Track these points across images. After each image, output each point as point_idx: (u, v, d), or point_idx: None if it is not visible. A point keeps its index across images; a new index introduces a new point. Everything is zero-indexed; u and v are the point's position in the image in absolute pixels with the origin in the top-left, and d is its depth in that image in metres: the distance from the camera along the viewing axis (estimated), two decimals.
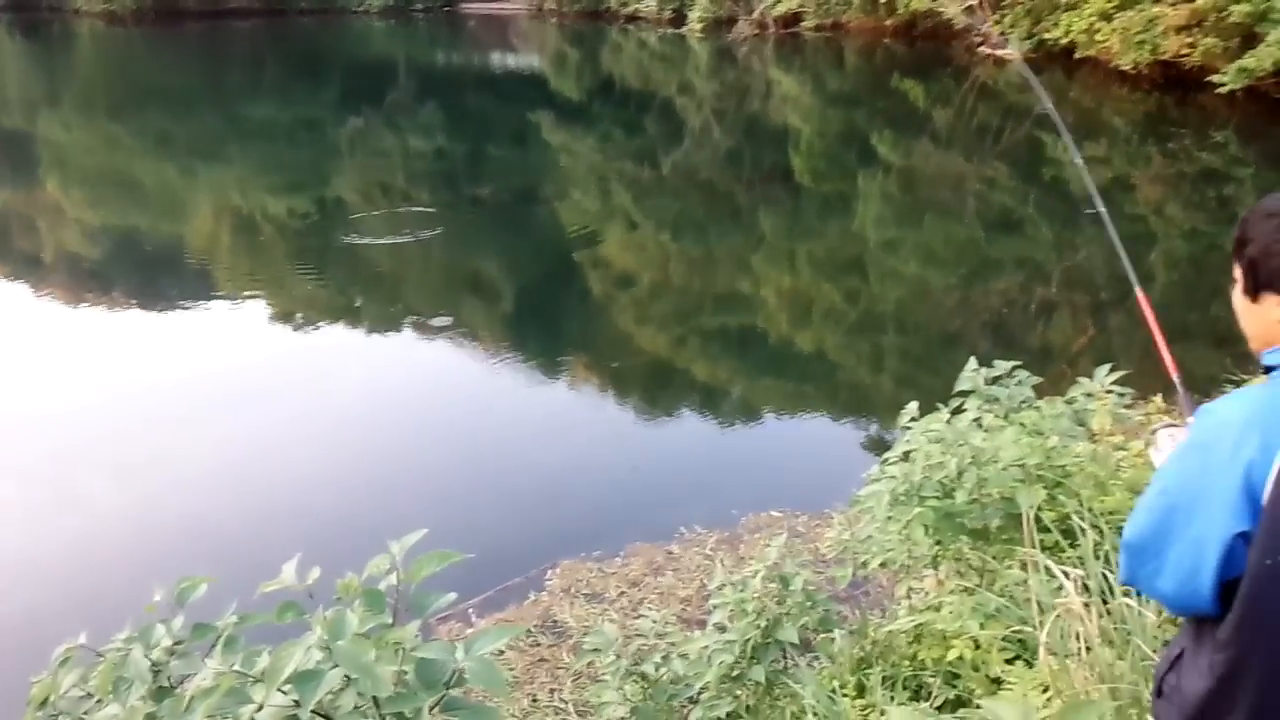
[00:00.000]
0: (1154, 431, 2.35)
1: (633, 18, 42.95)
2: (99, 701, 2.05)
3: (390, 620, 1.66)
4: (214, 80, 34.55)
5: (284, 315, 12.32)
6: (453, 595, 1.77)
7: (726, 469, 8.25)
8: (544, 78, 34.66)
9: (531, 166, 21.24)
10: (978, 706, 3.20)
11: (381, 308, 12.41)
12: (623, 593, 5.99)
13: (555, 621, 5.66)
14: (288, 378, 10.41)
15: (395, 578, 1.70)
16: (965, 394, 4.30)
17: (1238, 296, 1.91)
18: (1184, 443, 1.84)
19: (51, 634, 2.40)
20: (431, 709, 1.52)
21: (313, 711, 1.47)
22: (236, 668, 1.64)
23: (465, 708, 1.51)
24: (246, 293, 13.20)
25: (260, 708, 1.52)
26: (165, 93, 32.11)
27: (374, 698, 1.53)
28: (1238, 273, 1.89)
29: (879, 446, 8.12)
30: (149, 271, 14.83)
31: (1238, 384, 6.15)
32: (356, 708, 1.54)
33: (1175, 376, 2.51)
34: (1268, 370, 1.85)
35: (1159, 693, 1.99)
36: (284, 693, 1.53)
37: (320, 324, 11.93)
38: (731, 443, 8.89)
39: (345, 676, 1.51)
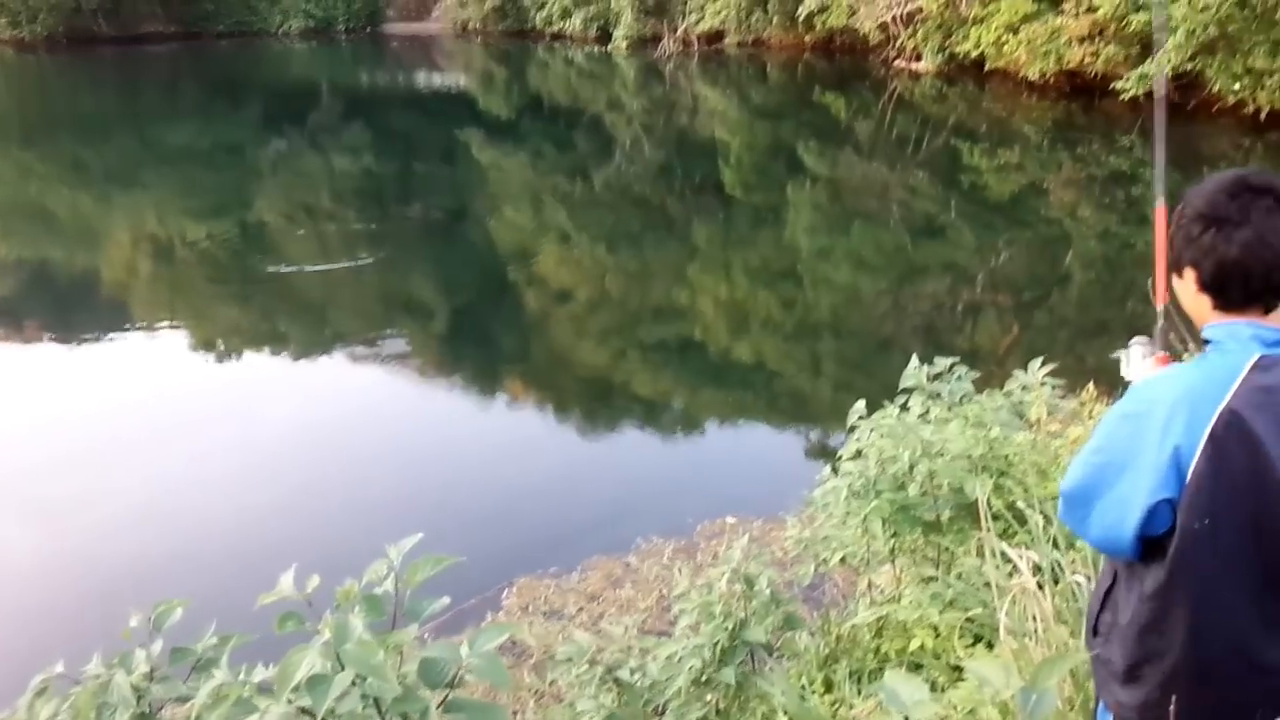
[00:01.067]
0: (1128, 344, 2.49)
1: (558, 36, 43.00)
2: None
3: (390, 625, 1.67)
4: (130, 106, 33.85)
5: (211, 344, 12.11)
6: (446, 599, 1.79)
7: (678, 479, 8.31)
8: (471, 96, 34.52)
9: (462, 185, 21.16)
10: (943, 691, 3.27)
11: (313, 333, 12.26)
12: (582, 608, 5.98)
13: (514, 641, 5.62)
14: (222, 408, 10.19)
15: (392, 583, 1.71)
16: (908, 391, 4.41)
17: (1174, 280, 2.08)
18: (1120, 409, 1.99)
19: None
20: (436, 708, 1.53)
21: (317, 718, 1.48)
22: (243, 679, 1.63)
23: (469, 706, 1.53)
24: (170, 323, 13.00)
25: (260, 717, 1.52)
26: (79, 120, 31.39)
27: (376, 701, 1.54)
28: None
29: (823, 450, 8.23)
30: (66, 304, 14.44)
31: None
32: (358, 711, 1.55)
33: (1159, 307, 2.59)
34: (1205, 344, 2.00)
35: (1095, 631, 2.16)
36: (290, 700, 1.53)
37: (251, 352, 11.76)
38: (681, 453, 8.98)
39: (352, 681, 1.52)
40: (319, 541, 6.90)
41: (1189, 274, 1.98)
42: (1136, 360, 2.44)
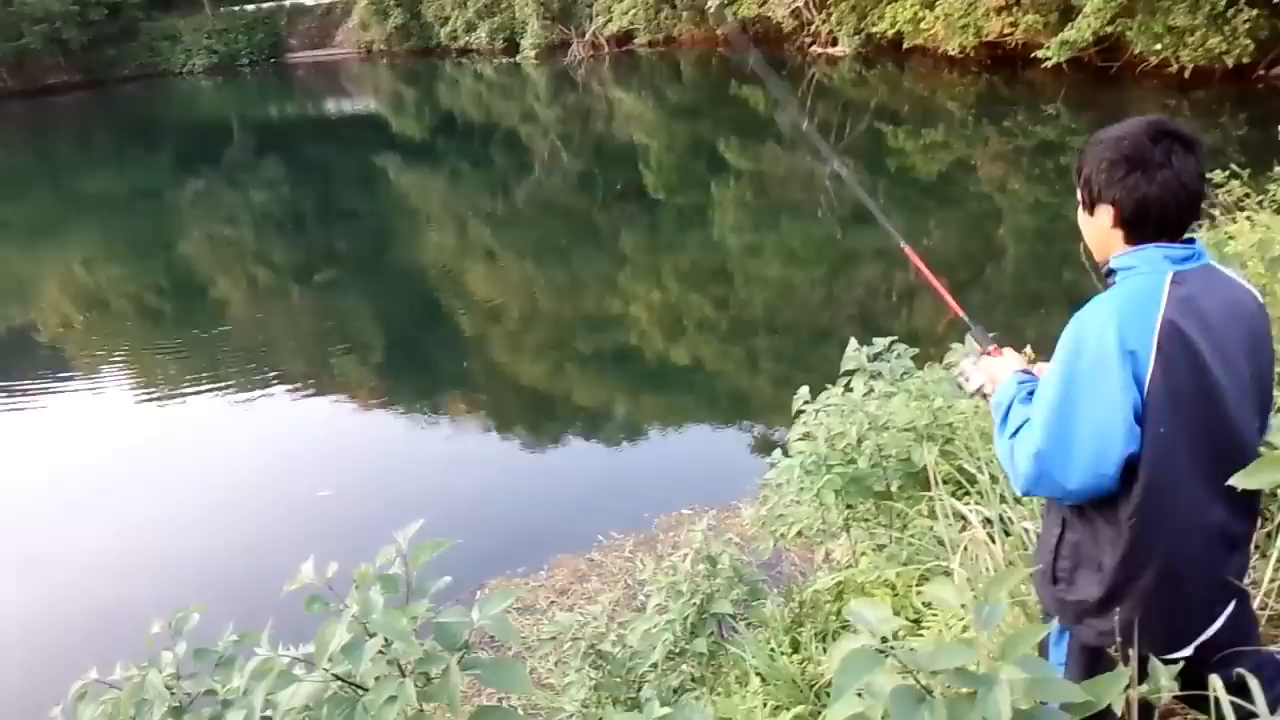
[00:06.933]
0: (959, 367, 2.70)
1: (465, 51, 42.70)
2: None
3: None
4: (44, 158, 33.25)
5: (153, 387, 12.07)
6: (449, 578, 1.95)
7: (633, 477, 8.56)
8: (383, 120, 34.33)
9: (383, 211, 21.06)
10: (905, 639, 3.48)
11: (253, 368, 12.17)
12: (553, 602, 6.19)
13: (491, 638, 5.77)
14: (172, 449, 10.19)
15: (401, 565, 1.88)
16: (851, 373, 4.60)
17: (1081, 216, 2.30)
18: (1070, 346, 2.14)
19: None
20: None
21: (349, 683, 1.64)
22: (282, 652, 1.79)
23: (484, 664, 1.70)
24: (108, 371, 12.89)
25: (294, 693, 1.67)
26: None
27: (400, 666, 1.70)
28: (1079, 195, 2.28)
29: (768, 441, 8.45)
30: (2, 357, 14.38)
31: None
32: (385, 676, 1.71)
33: (963, 314, 2.87)
34: (1109, 274, 2.24)
35: (1054, 579, 2.32)
36: (325, 669, 1.69)
37: (192, 391, 11.67)
38: (633, 453, 9.17)
39: (380, 650, 1.69)
40: (280, 562, 6.95)
41: (1105, 211, 2.20)
42: (973, 372, 2.61)
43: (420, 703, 1.66)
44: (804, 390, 4.51)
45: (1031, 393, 2.29)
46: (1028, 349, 2.72)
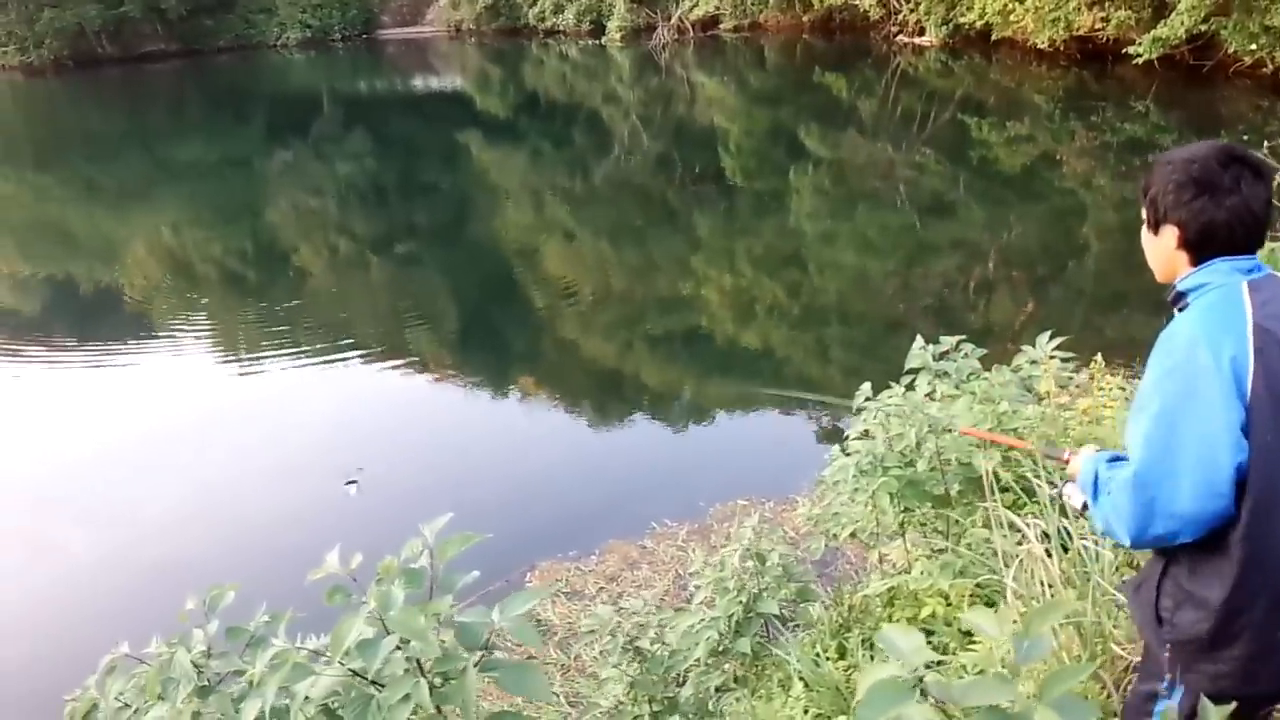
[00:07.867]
0: (1062, 491, 2.58)
1: (551, 32, 42.89)
2: (136, 712, 2.18)
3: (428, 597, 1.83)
4: (138, 124, 34.01)
5: (232, 353, 12.29)
6: (476, 573, 1.93)
7: (691, 464, 8.47)
8: (468, 97, 34.54)
9: (464, 187, 21.26)
10: (954, 654, 3.40)
11: (330, 338, 12.34)
12: (602, 588, 6.18)
13: (538, 620, 5.80)
14: (247, 413, 10.37)
15: (427, 558, 1.86)
16: (915, 371, 4.50)
17: (1145, 235, 2.28)
18: (1159, 370, 2.05)
19: (44, 684, 2.48)
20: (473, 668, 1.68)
21: (367, 680, 1.63)
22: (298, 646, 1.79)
23: (503, 665, 1.67)
24: (186, 336, 13.15)
25: (316, 679, 1.67)
26: (90, 140, 31.54)
27: (419, 664, 1.69)
28: (1144, 214, 2.25)
29: (833, 433, 8.34)
30: (90, 319, 14.73)
31: None
32: (406, 671, 1.70)
33: (1028, 445, 2.95)
34: (1177, 298, 2.18)
35: (1159, 621, 2.17)
36: (341, 664, 1.69)
37: (271, 358, 11.87)
38: (693, 439, 9.11)
39: (397, 646, 1.67)
40: (345, 532, 7.02)
41: (1169, 231, 2.16)
42: (1068, 488, 2.48)
43: (436, 704, 1.64)
44: (866, 387, 4.41)
45: (1114, 458, 2.21)
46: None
